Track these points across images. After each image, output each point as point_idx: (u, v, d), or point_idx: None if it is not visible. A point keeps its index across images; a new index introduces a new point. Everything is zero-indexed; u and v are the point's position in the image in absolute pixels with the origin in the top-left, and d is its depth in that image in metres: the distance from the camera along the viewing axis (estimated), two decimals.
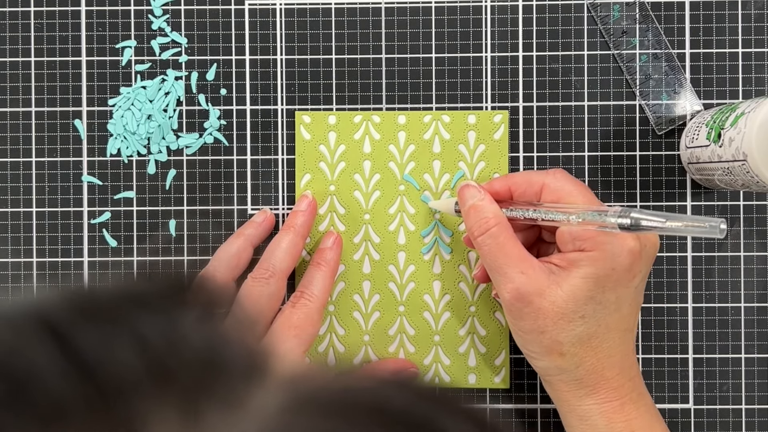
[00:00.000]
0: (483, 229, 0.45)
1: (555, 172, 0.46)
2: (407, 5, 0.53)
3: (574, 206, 0.44)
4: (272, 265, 0.48)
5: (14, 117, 0.53)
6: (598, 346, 0.44)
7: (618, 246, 0.43)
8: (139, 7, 0.53)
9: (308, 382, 0.21)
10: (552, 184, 0.45)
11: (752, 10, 0.52)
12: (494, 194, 0.47)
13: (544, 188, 0.46)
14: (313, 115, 0.52)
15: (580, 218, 0.43)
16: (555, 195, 0.45)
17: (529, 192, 0.46)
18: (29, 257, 0.53)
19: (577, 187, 0.45)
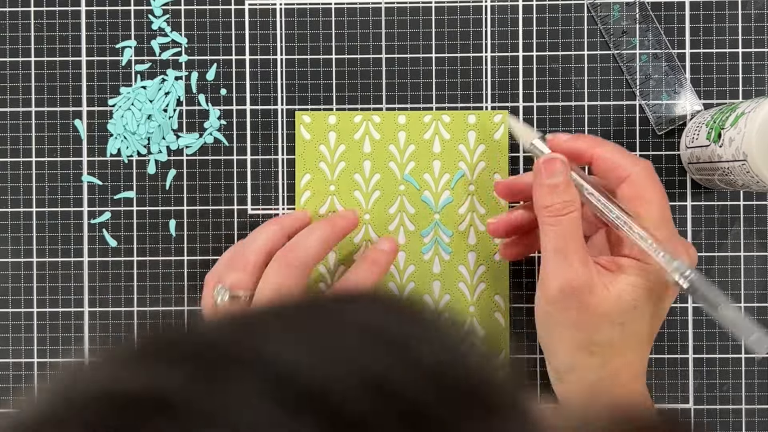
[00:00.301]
0: (565, 211, 0.43)
1: (643, 166, 0.44)
2: (407, 5, 0.53)
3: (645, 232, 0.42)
4: (304, 254, 0.46)
5: (14, 117, 0.53)
6: (625, 353, 0.44)
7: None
8: (139, 7, 0.53)
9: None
10: (635, 179, 0.44)
11: (752, 10, 0.52)
12: (570, 153, 0.45)
13: (628, 178, 0.44)
14: (313, 115, 0.52)
15: (646, 247, 0.42)
16: (633, 191, 0.44)
17: (611, 175, 0.44)
18: (29, 257, 0.53)
19: (656, 194, 0.44)
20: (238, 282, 0.46)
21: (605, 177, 0.45)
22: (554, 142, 0.45)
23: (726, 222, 0.52)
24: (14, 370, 0.53)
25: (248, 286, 0.46)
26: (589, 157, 0.45)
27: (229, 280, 0.46)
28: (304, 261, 0.46)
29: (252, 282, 0.46)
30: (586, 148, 0.45)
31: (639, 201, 0.44)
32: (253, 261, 0.47)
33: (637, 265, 0.43)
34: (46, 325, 0.53)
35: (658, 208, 0.44)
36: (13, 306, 0.53)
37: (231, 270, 0.47)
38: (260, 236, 0.48)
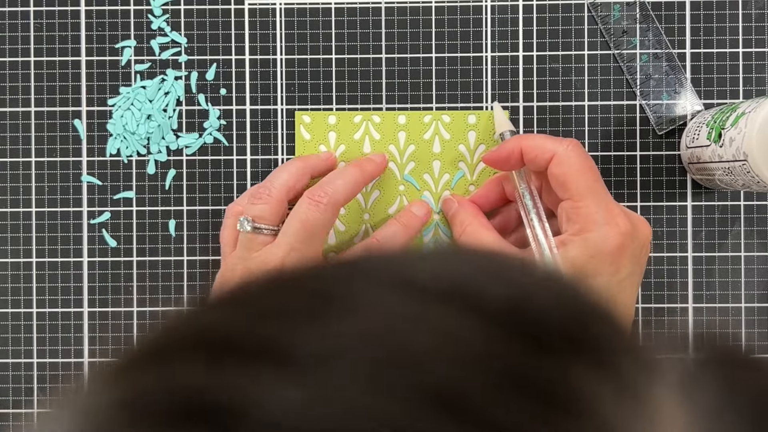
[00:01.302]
0: (460, 230, 0.49)
1: (568, 144, 0.45)
2: (407, 5, 0.52)
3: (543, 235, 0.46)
4: (333, 191, 0.47)
5: (14, 117, 0.53)
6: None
7: (602, 234, 0.44)
8: (139, 6, 0.53)
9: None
10: (561, 157, 0.45)
11: (752, 10, 0.52)
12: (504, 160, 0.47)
13: (553, 158, 0.45)
14: (313, 115, 0.52)
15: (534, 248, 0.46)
16: (559, 168, 0.45)
17: (540, 158, 0.46)
18: (29, 257, 0.53)
19: (581, 169, 0.45)
20: (261, 214, 0.47)
21: (536, 163, 0.46)
22: (488, 156, 0.48)
23: (726, 222, 0.52)
24: (14, 370, 0.53)
25: (271, 219, 0.47)
26: (519, 152, 0.47)
27: (252, 211, 0.47)
28: (334, 200, 0.47)
29: (274, 216, 0.47)
30: (513, 146, 0.47)
31: (565, 176, 0.45)
32: (276, 195, 0.47)
33: (572, 240, 0.44)
34: (46, 325, 0.53)
35: (584, 179, 0.45)
36: (13, 306, 0.53)
37: (255, 202, 0.47)
38: (284, 173, 0.48)
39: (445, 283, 0.19)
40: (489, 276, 0.20)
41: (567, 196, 0.45)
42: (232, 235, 0.49)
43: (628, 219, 0.45)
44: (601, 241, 0.44)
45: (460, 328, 0.18)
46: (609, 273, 0.44)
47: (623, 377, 0.18)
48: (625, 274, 0.44)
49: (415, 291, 0.19)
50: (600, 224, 0.44)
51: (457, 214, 0.50)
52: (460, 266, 0.21)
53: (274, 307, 0.19)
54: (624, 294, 0.45)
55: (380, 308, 0.18)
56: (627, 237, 0.44)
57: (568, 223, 0.45)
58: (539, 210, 0.47)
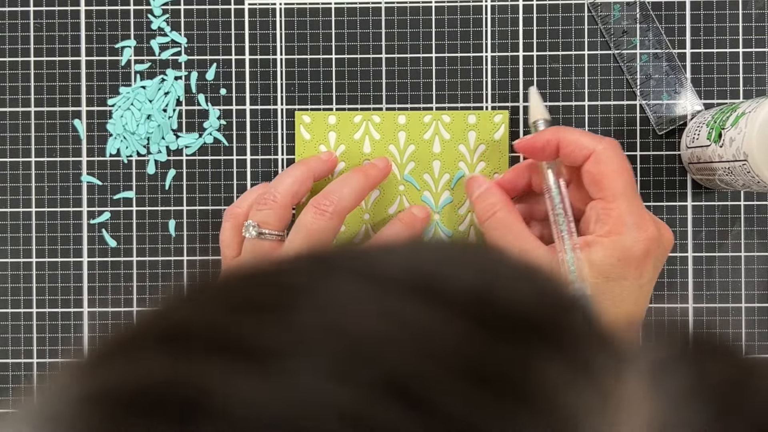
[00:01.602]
0: (488, 215, 0.47)
1: (607, 144, 0.45)
2: (407, 5, 0.52)
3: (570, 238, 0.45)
4: (338, 199, 0.47)
5: (14, 117, 0.53)
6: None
7: (633, 238, 0.44)
8: (139, 6, 0.53)
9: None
10: (597, 155, 0.45)
11: (753, 10, 0.52)
12: (539, 150, 0.47)
13: (591, 156, 0.45)
14: (313, 115, 0.52)
15: (558, 248, 0.45)
16: (596, 166, 0.45)
17: (577, 154, 0.45)
18: (29, 257, 0.53)
19: (618, 167, 0.45)
20: (266, 219, 0.47)
21: (572, 158, 0.46)
22: (521, 143, 0.47)
23: (726, 222, 0.52)
24: (14, 370, 0.53)
25: (276, 225, 0.47)
26: (555, 144, 0.46)
27: (257, 217, 0.47)
28: (340, 209, 0.47)
29: (280, 221, 0.47)
30: (550, 137, 0.46)
31: (601, 175, 0.44)
32: (281, 201, 0.47)
33: (600, 242, 0.44)
34: (46, 325, 0.53)
35: (620, 181, 0.44)
36: (13, 306, 0.53)
37: (260, 208, 0.47)
38: (288, 177, 0.48)
39: (410, 274, 0.20)
40: (456, 266, 0.20)
41: (600, 196, 0.45)
42: (230, 237, 0.49)
43: (655, 225, 0.45)
44: (632, 245, 0.43)
45: (421, 319, 0.18)
46: (633, 277, 0.44)
47: (590, 369, 0.18)
48: (647, 279, 0.45)
49: (378, 283, 0.19)
50: (630, 228, 0.44)
51: (485, 196, 0.48)
52: (428, 258, 0.21)
53: (241, 301, 0.19)
54: (642, 298, 0.45)
55: (343, 300, 0.19)
56: (654, 243, 0.44)
57: (597, 224, 0.44)
58: (566, 206, 0.46)
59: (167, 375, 0.17)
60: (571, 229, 0.45)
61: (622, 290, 0.44)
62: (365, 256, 0.22)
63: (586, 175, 0.45)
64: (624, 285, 0.44)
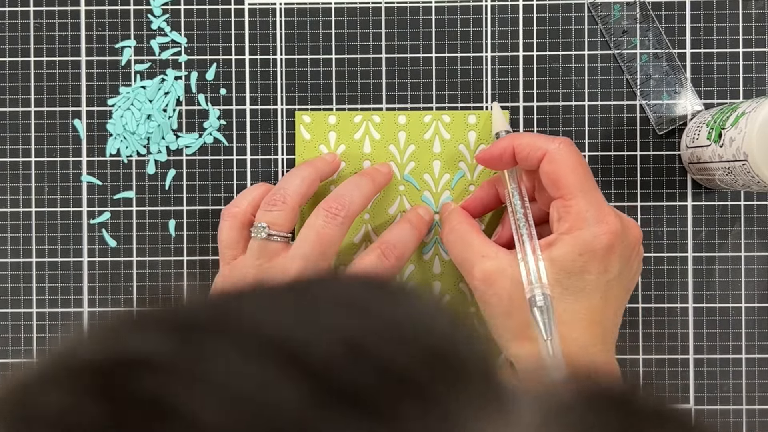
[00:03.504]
0: (448, 229, 0.49)
1: (561, 143, 0.45)
2: (407, 5, 0.52)
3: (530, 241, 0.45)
4: (349, 203, 0.47)
5: (14, 117, 0.53)
6: (567, 335, 0.44)
7: (592, 232, 0.44)
8: (139, 6, 0.53)
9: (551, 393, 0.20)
10: (553, 155, 0.45)
11: (753, 10, 0.52)
12: (497, 159, 0.47)
13: (545, 156, 0.45)
14: (313, 115, 0.52)
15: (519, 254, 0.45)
16: (551, 165, 0.45)
17: (532, 156, 0.46)
18: (29, 257, 0.53)
19: (572, 166, 0.45)
20: (275, 221, 0.47)
21: (529, 162, 0.46)
22: (480, 155, 0.48)
23: (726, 222, 0.52)
24: (14, 370, 0.53)
25: (285, 226, 0.47)
26: (511, 150, 0.47)
27: (266, 218, 0.47)
28: (351, 213, 0.47)
29: (288, 223, 0.47)
30: (505, 144, 0.47)
31: (556, 174, 0.45)
32: (290, 202, 0.47)
33: (561, 239, 0.44)
34: (46, 325, 0.53)
35: (575, 177, 0.44)
36: (12, 306, 0.53)
37: (270, 209, 0.47)
38: (296, 178, 0.48)
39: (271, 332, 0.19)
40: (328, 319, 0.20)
41: (558, 195, 0.45)
42: (230, 237, 0.48)
43: (618, 219, 0.45)
44: (591, 239, 0.44)
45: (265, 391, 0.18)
46: (597, 271, 0.44)
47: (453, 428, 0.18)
48: (614, 274, 0.44)
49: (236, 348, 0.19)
50: (590, 222, 0.44)
51: (449, 215, 0.50)
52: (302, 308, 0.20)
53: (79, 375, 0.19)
54: (611, 294, 0.45)
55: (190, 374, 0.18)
56: (617, 236, 0.44)
57: (559, 222, 0.45)
58: (527, 210, 0.47)
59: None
60: (531, 231, 0.46)
61: (585, 285, 0.44)
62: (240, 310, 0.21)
63: (543, 176, 0.45)
64: (587, 279, 0.44)
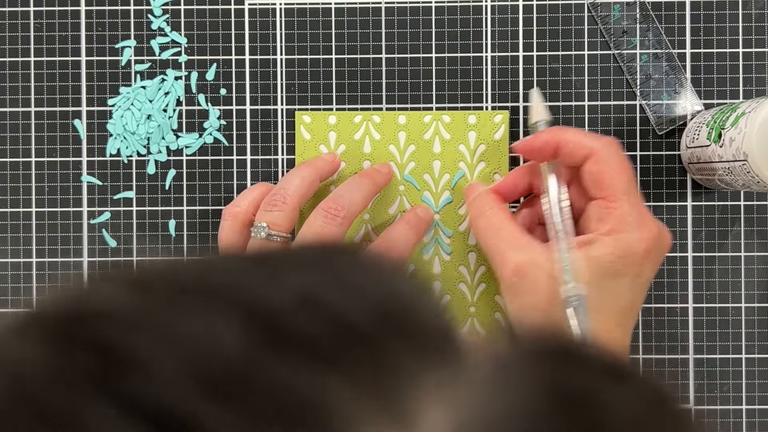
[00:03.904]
0: (478, 213, 0.47)
1: (607, 143, 0.45)
2: (407, 5, 0.52)
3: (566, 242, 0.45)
4: (349, 204, 0.47)
5: (14, 117, 0.53)
6: (593, 336, 0.44)
7: (635, 237, 0.44)
8: (139, 6, 0.53)
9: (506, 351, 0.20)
10: (598, 154, 0.45)
11: (753, 10, 0.52)
12: (538, 150, 0.47)
13: (591, 155, 0.45)
14: (313, 115, 0.52)
15: (556, 252, 0.44)
16: (596, 165, 0.45)
17: (576, 154, 0.45)
18: (29, 257, 0.53)
19: (617, 168, 0.44)
20: (276, 221, 0.46)
21: (571, 159, 0.46)
22: (520, 144, 0.47)
23: (726, 222, 0.52)
24: None
25: (285, 227, 0.47)
26: (554, 144, 0.46)
27: (266, 218, 0.47)
28: (351, 214, 0.47)
29: (288, 223, 0.47)
30: (549, 137, 0.46)
31: (602, 174, 0.44)
32: (290, 202, 0.47)
33: (600, 240, 0.44)
34: None
35: (621, 179, 0.44)
36: (13, 306, 0.53)
37: (270, 209, 0.47)
38: (296, 178, 0.48)
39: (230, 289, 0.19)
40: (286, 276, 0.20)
41: (601, 195, 0.45)
42: (230, 237, 0.48)
43: (656, 225, 0.45)
44: (634, 243, 0.43)
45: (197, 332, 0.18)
46: (633, 275, 0.44)
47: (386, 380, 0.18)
48: (646, 277, 0.45)
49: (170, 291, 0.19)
50: (633, 226, 0.44)
51: (478, 198, 0.49)
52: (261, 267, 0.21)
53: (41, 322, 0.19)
54: (638, 297, 0.45)
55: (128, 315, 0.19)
56: (654, 242, 0.44)
57: (599, 223, 0.45)
58: (564, 206, 0.46)
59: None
60: (567, 228, 0.45)
61: (620, 287, 0.44)
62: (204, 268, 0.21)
63: (587, 175, 0.45)
64: (623, 282, 0.44)
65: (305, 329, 0.18)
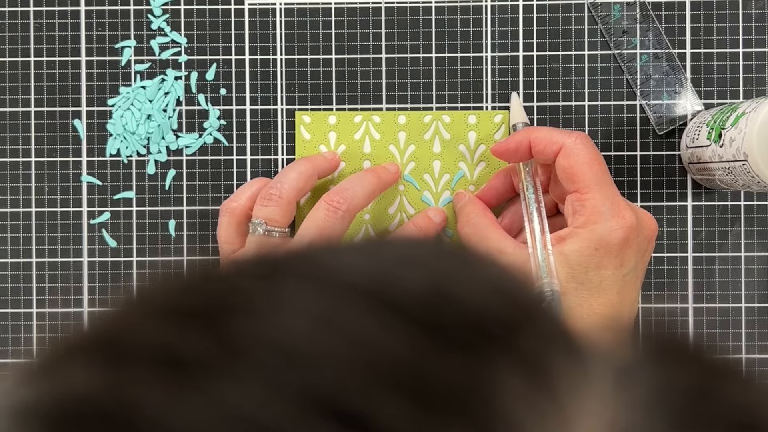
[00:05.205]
0: (465, 221, 0.49)
1: (577, 137, 0.45)
2: (407, 5, 0.52)
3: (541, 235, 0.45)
4: (351, 197, 0.47)
5: (14, 117, 0.53)
6: (581, 329, 0.44)
7: (608, 227, 0.44)
8: (139, 6, 0.53)
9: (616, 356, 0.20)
10: (569, 149, 0.45)
11: (753, 10, 0.52)
12: (513, 151, 0.47)
13: (561, 150, 0.45)
14: (313, 115, 0.52)
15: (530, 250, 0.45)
16: (567, 160, 0.45)
17: (548, 150, 0.46)
18: (29, 257, 0.53)
19: (588, 161, 0.45)
20: (272, 216, 0.47)
21: (544, 155, 0.46)
22: (495, 147, 0.48)
23: (726, 222, 0.52)
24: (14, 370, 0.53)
25: (281, 221, 0.47)
26: (527, 143, 0.47)
27: (263, 213, 0.47)
28: (353, 207, 0.47)
29: (285, 218, 0.47)
30: (522, 137, 0.47)
31: (572, 168, 0.45)
32: (286, 197, 0.47)
33: (576, 233, 0.44)
34: (46, 326, 0.53)
35: (591, 171, 0.45)
36: (12, 306, 0.53)
37: (266, 204, 0.47)
38: (292, 173, 0.48)
39: (359, 277, 0.19)
40: (411, 267, 0.20)
41: (574, 189, 0.45)
42: (229, 233, 0.48)
43: (633, 213, 0.45)
44: (607, 233, 0.44)
45: (363, 327, 0.17)
46: (613, 266, 0.44)
47: (546, 377, 0.17)
48: (629, 268, 0.44)
49: (324, 287, 0.18)
50: (606, 217, 0.44)
51: (465, 206, 0.50)
52: (383, 258, 0.20)
53: (175, 307, 0.19)
54: (627, 288, 0.45)
55: (282, 307, 0.18)
56: (632, 231, 0.44)
57: (574, 216, 0.45)
58: (540, 204, 0.47)
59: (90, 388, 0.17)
60: (543, 224, 0.46)
61: (602, 280, 0.44)
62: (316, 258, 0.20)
63: (559, 170, 0.45)
64: (604, 275, 0.44)
65: (454, 323, 0.18)
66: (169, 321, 0.18)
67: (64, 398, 0.17)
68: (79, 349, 0.18)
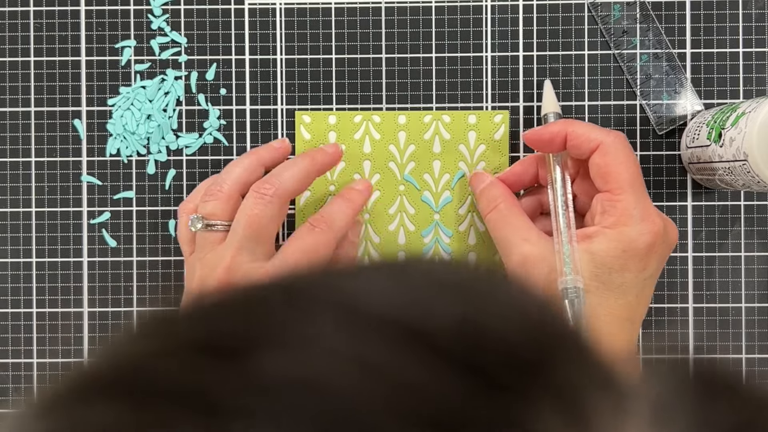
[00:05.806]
0: (490, 208, 0.48)
1: (616, 136, 0.45)
2: (407, 5, 0.52)
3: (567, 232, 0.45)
4: (278, 182, 0.46)
5: (14, 117, 0.53)
6: (601, 330, 0.44)
7: (638, 230, 0.44)
8: (139, 6, 0.53)
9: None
10: (607, 147, 0.45)
11: (753, 10, 0.52)
12: (546, 141, 0.47)
13: (598, 148, 0.45)
14: (313, 115, 0.52)
15: (555, 243, 0.45)
16: (603, 158, 0.45)
17: (584, 146, 0.45)
18: (29, 257, 0.53)
19: (624, 162, 0.44)
20: (213, 211, 0.46)
21: (579, 151, 0.46)
22: (530, 134, 0.47)
23: (726, 222, 0.52)
24: (14, 370, 0.53)
25: (223, 216, 0.47)
26: (563, 136, 0.46)
27: (204, 209, 0.47)
28: (280, 192, 0.46)
29: (227, 212, 0.47)
30: (558, 128, 0.46)
31: (608, 167, 0.44)
32: (227, 191, 0.47)
33: (603, 233, 0.44)
34: (46, 325, 0.53)
35: (627, 173, 0.44)
36: (12, 306, 0.53)
37: (206, 199, 0.47)
38: (236, 167, 0.48)
39: (391, 309, 0.18)
40: (441, 297, 0.19)
41: (606, 188, 0.45)
42: (186, 234, 0.49)
43: (661, 219, 0.45)
44: (636, 237, 0.44)
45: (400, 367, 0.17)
46: (637, 270, 0.44)
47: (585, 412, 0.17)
48: (650, 273, 0.45)
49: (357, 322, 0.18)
50: (636, 220, 0.44)
51: (488, 190, 0.49)
52: (412, 288, 0.19)
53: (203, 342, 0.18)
54: (645, 292, 0.45)
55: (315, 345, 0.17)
56: (659, 236, 0.44)
57: (603, 216, 0.45)
58: (568, 198, 0.47)
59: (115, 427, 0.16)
60: (570, 221, 0.46)
61: (623, 282, 0.44)
62: (345, 287, 0.19)
63: (593, 167, 0.45)
64: (626, 277, 0.44)
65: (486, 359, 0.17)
66: (196, 357, 0.17)
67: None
68: (101, 384, 0.18)
